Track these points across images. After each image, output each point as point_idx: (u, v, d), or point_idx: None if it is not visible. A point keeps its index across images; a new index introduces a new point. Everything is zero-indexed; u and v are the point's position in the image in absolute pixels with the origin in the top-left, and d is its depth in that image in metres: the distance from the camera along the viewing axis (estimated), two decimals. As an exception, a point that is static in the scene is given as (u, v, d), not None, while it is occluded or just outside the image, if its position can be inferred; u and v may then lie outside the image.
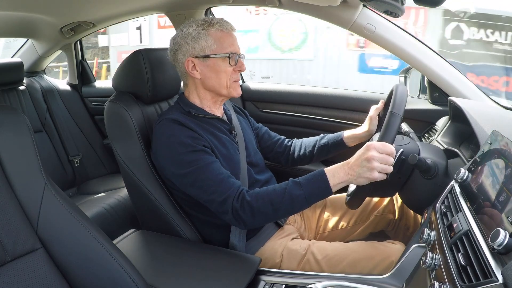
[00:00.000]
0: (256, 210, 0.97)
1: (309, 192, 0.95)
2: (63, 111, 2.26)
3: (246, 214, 0.97)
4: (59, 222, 0.78)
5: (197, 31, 1.10)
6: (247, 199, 0.97)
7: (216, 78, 1.12)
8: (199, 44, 1.10)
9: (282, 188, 0.97)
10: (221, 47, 1.10)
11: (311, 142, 1.35)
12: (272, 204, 0.96)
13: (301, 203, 0.96)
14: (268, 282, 0.95)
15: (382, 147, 0.91)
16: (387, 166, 0.91)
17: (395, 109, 0.98)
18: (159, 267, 1.01)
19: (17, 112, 0.81)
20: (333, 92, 1.79)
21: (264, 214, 0.97)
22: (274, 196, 0.96)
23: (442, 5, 1.03)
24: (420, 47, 1.39)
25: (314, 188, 0.95)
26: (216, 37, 1.10)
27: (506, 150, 0.73)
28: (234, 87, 1.14)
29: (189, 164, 1.03)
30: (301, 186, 0.95)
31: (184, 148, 1.03)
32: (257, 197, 0.97)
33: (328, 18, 1.43)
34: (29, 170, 0.78)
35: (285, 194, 0.95)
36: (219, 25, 1.11)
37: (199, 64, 1.11)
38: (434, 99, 1.52)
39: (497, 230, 0.57)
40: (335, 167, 0.96)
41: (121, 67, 1.28)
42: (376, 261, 1.06)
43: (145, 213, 1.23)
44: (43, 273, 0.74)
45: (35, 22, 1.83)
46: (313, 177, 0.97)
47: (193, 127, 1.07)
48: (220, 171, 1.03)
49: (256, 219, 0.99)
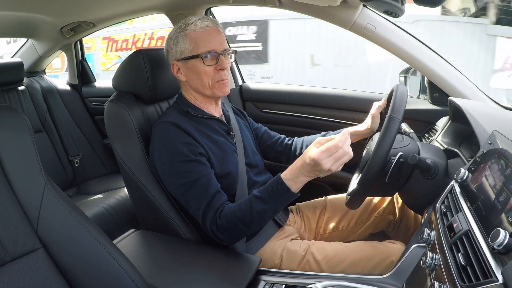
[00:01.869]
0: (230, 230, 1.01)
1: (274, 204, 0.97)
2: (63, 111, 2.26)
3: (223, 234, 1.02)
4: (59, 222, 0.78)
5: (176, 34, 1.11)
6: (219, 222, 1.01)
7: (197, 79, 1.11)
8: (179, 47, 1.10)
9: (248, 206, 0.98)
10: (196, 47, 1.08)
11: (312, 140, 1.35)
12: (242, 222, 0.99)
13: (270, 214, 0.99)
14: (268, 282, 0.95)
15: (328, 153, 0.88)
16: (346, 157, 0.89)
17: (394, 113, 0.97)
18: (159, 267, 1.01)
19: (17, 112, 0.81)
20: (333, 92, 1.78)
21: (238, 232, 1.01)
22: (241, 215, 0.98)
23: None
24: (420, 47, 1.39)
25: (277, 199, 0.97)
26: (191, 38, 1.09)
27: (506, 150, 0.73)
28: (218, 87, 1.12)
29: (181, 174, 1.05)
30: (264, 200, 0.97)
31: (179, 157, 1.05)
32: (227, 219, 1.00)
33: (328, 18, 1.43)
34: (29, 170, 0.78)
35: (252, 211, 0.97)
36: (194, 25, 1.09)
37: (182, 67, 1.12)
38: (434, 99, 1.52)
39: (497, 230, 0.57)
40: (293, 172, 0.95)
41: (121, 67, 1.28)
42: (376, 261, 1.06)
43: (145, 213, 1.23)
44: (43, 273, 0.74)
45: (35, 22, 1.83)
46: (273, 189, 0.97)
47: (190, 131, 1.07)
48: (208, 188, 1.04)
49: (233, 237, 1.03)
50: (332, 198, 1.38)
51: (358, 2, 1.31)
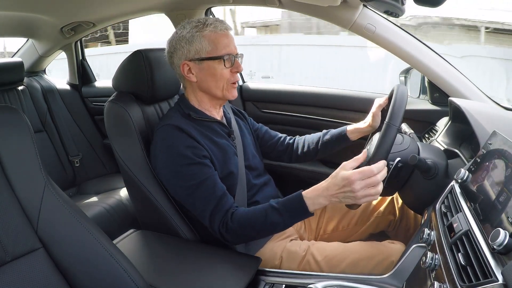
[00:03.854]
0: (240, 234, 1.01)
1: (288, 219, 0.97)
2: (63, 111, 2.26)
3: (231, 236, 1.02)
4: (59, 222, 0.78)
5: (191, 34, 1.08)
6: (230, 225, 1.01)
7: (212, 81, 1.11)
8: (194, 46, 1.08)
9: (263, 215, 0.98)
10: (216, 49, 1.08)
11: (314, 138, 1.35)
12: (254, 229, 0.99)
13: (281, 227, 1.00)
14: (268, 282, 0.95)
15: (362, 176, 0.85)
16: (375, 189, 0.86)
17: (392, 120, 0.94)
18: (159, 267, 1.01)
19: (17, 112, 0.81)
20: (333, 92, 1.78)
21: (248, 237, 1.04)
22: (255, 221, 0.99)
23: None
24: (420, 47, 1.39)
25: (293, 215, 0.97)
26: (210, 39, 1.08)
27: (506, 151, 0.73)
28: (230, 90, 1.13)
29: (186, 177, 1.04)
30: (280, 213, 0.97)
31: (183, 160, 1.04)
32: (240, 223, 1.00)
33: (328, 18, 1.43)
34: (29, 170, 0.78)
35: (266, 219, 0.97)
36: (213, 26, 1.08)
37: (195, 67, 1.10)
38: (435, 99, 1.52)
39: (497, 230, 0.57)
40: (314, 193, 0.93)
41: (121, 67, 1.27)
42: (376, 261, 1.06)
43: (145, 213, 1.23)
44: (43, 273, 0.74)
45: (35, 22, 1.83)
46: (291, 204, 0.97)
47: (193, 134, 1.07)
48: (214, 189, 1.04)
49: (240, 240, 1.05)
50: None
51: (358, 2, 1.31)
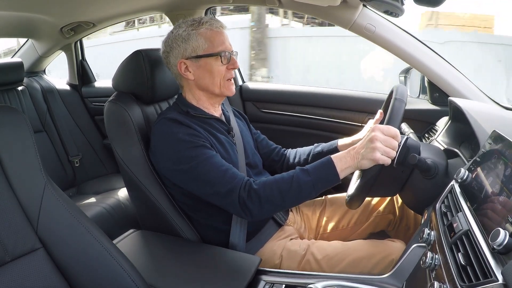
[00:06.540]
0: (263, 199, 0.97)
1: (316, 178, 0.96)
2: (63, 111, 2.26)
3: (254, 203, 0.97)
4: (59, 222, 0.78)
5: (187, 32, 1.10)
6: (254, 187, 0.98)
7: (209, 78, 1.12)
8: (190, 45, 1.09)
9: (290, 176, 0.98)
10: (212, 46, 1.09)
11: (305, 151, 1.35)
12: (279, 191, 0.96)
13: (308, 190, 0.96)
14: (268, 282, 0.95)
15: (386, 129, 0.92)
16: (390, 149, 0.91)
17: (399, 95, 1.00)
18: (159, 267, 1.01)
19: (17, 112, 0.81)
20: (333, 92, 1.78)
21: (272, 202, 0.97)
22: (282, 183, 0.97)
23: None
24: (420, 47, 1.39)
25: (321, 174, 0.96)
26: (206, 37, 1.09)
27: (506, 150, 0.73)
28: (227, 86, 1.14)
29: (190, 159, 1.02)
30: (308, 173, 0.96)
31: (184, 145, 1.03)
32: (264, 186, 0.98)
33: (328, 18, 1.43)
34: (29, 170, 0.78)
35: (292, 181, 0.96)
36: (209, 24, 1.10)
37: (192, 65, 1.11)
38: (434, 99, 1.52)
39: (497, 230, 0.57)
40: (342, 153, 0.98)
41: (121, 67, 1.27)
42: (376, 259, 1.06)
43: (145, 213, 1.23)
44: (43, 273, 0.74)
45: (35, 22, 1.83)
46: (320, 163, 0.98)
47: (191, 125, 1.07)
48: (222, 163, 1.03)
49: (263, 209, 0.98)
50: (332, 197, 1.38)
51: (358, 2, 1.31)
